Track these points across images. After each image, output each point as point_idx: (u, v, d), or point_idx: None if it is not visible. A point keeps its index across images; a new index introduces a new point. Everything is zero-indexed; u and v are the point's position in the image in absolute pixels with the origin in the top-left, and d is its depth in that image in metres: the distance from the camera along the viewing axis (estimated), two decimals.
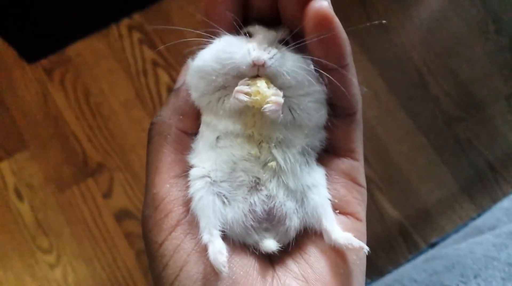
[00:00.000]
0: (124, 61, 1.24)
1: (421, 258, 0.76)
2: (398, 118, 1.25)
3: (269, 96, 0.30)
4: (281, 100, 0.30)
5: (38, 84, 1.22)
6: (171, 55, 1.23)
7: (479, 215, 0.82)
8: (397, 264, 1.13)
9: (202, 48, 0.33)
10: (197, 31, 0.34)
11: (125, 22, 1.26)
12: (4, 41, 1.18)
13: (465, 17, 1.35)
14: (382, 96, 1.26)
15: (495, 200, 1.19)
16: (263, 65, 0.30)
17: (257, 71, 0.31)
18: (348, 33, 0.30)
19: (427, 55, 1.31)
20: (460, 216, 1.18)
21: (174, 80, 1.21)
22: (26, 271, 1.10)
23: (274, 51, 0.31)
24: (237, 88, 0.31)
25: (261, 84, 0.30)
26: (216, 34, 0.32)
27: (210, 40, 0.32)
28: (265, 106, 0.30)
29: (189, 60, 0.34)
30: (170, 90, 1.22)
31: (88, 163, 1.17)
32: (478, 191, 1.20)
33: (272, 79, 0.31)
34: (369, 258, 0.34)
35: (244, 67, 0.31)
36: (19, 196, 1.15)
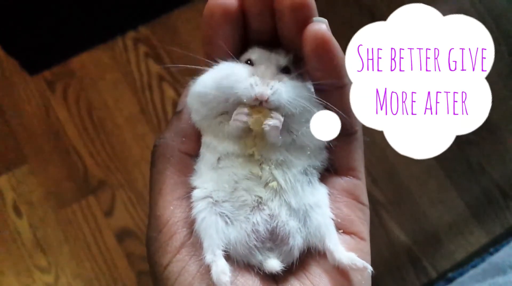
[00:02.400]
0: (129, 75, 1.21)
1: None
2: None
3: (269, 113, 0.31)
4: (281, 117, 0.31)
5: (39, 96, 1.19)
6: (177, 70, 1.20)
7: (496, 249, 0.79)
8: None
9: (202, 73, 0.33)
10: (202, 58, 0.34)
11: (130, 35, 1.23)
12: (5, 52, 1.15)
13: None
14: None
15: (505, 226, 1.17)
16: (266, 100, 0.31)
17: (258, 103, 0.31)
18: None
19: None
20: (470, 242, 1.15)
21: (180, 95, 1.18)
22: None
23: (276, 85, 0.31)
24: (236, 111, 0.31)
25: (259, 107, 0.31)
26: (216, 59, 0.33)
27: (211, 64, 0.33)
28: (265, 122, 0.30)
29: (190, 83, 0.34)
30: (175, 105, 1.19)
31: (89, 180, 1.14)
32: (488, 216, 1.18)
33: (273, 110, 0.32)
34: (376, 283, 0.32)
35: (245, 100, 0.31)
36: (18, 213, 1.11)
